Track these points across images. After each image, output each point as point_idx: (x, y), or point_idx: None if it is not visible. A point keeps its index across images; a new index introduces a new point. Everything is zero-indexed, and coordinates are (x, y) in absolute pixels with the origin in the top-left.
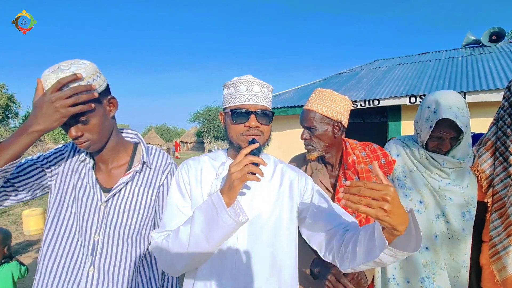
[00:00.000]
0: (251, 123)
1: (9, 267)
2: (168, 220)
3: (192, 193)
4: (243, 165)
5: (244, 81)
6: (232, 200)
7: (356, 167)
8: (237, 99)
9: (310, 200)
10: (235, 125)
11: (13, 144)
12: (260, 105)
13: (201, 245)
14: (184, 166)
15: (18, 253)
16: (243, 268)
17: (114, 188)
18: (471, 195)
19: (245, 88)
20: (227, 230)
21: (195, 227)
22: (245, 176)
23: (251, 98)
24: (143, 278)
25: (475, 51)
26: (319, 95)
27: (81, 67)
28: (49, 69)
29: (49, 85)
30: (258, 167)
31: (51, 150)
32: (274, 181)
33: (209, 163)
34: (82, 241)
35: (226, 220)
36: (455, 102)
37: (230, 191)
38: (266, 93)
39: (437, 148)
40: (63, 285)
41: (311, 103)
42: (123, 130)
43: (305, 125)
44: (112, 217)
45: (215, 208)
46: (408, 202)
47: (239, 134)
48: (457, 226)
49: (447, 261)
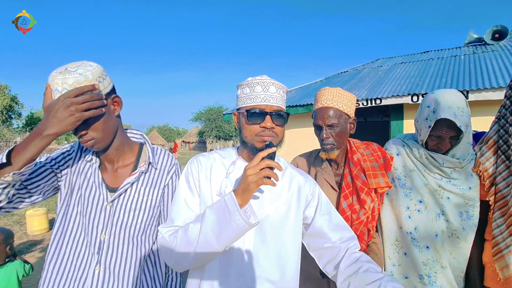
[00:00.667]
0: (266, 124)
1: (13, 266)
2: (176, 215)
3: (201, 189)
4: (259, 169)
5: (260, 81)
6: (245, 202)
7: (362, 165)
8: (253, 99)
9: (315, 208)
10: (250, 126)
11: (28, 147)
12: (276, 106)
13: (210, 244)
14: (194, 161)
15: (22, 253)
16: (249, 269)
17: (120, 188)
18: (472, 197)
19: (261, 89)
20: (238, 232)
21: (206, 226)
22: (262, 180)
23: (267, 98)
24: (147, 277)
25: (477, 49)
26: (333, 92)
27: (87, 69)
28: (56, 70)
29: (56, 86)
30: (273, 172)
31: (58, 151)
32: (282, 184)
33: (219, 161)
34: (88, 240)
35: (238, 221)
36: (454, 101)
37: (244, 194)
38: (281, 94)
39: (436, 147)
40: (69, 283)
41: (329, 100)
42: (127, 130)
43: (327, 123)
44: (118, 216)
45: (228, 209)
46: (409, 202)
47: (254, 134)
48: (456, 225)
49: (449, 261)
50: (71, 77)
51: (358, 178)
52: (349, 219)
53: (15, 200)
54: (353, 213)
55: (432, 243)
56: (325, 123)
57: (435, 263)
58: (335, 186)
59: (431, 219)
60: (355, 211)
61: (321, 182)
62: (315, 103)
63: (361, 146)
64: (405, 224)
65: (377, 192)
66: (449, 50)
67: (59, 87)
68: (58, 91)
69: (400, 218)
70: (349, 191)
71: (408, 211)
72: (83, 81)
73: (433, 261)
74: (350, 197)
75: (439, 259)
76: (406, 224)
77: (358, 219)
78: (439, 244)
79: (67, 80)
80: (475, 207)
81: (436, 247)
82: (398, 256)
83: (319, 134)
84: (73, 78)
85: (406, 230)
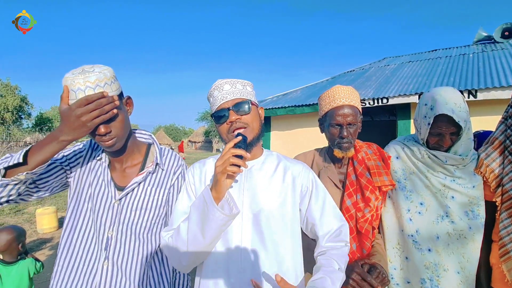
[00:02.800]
0: (230, 118)
1: (25, 263)
2: (174, 219)
3: (197, 193)
4: (225, 159)
5: (215, 86)
6: (220, 194)
7: (367, 163)
8: (215, 104)
9: (310, 196)
10: (220, 126)
11: (44, 149)
12: (233, 99)
13: (198, 239)
14: (191, 169)
15: (32, 250)
16: (249, 264)
17: (127, 187)
18: (476, 195)
19: (218, 92)
20: (218, 223)
21: (191, 223)
22: (226, 168)
23: (224, 97)
24: (154, 273)
25: (486, 47)
26: (349, 90)
27: (103, 68)
28: (71, 73)
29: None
30: (242, 160)
31: (71, 148)
32: (276, 176)
33: (212, 164)
34: (97, 236)
35: (215, 213)
36: (451, 97)
37: (216, 185)
38: (239, 87)
39: (437, 144)
40: (80, 277)
41: (347, 98)
42: (136, 131)
43: (349, 121)
44: (125, 214)
45: (206, 203)
46: (409, 204)
47: (226, 133)
48: (462, 225)
49: (462, 264)
50: (92, 75)
51: (363, 176)
52: (354, 217)
53: (23, 193)
54: (357, 211)
55: (434, 246)
56: (346, 121)
57: (437, 267)
58: (339, 185)
59: (432, 221)
60: (359, 209)
61: (324, 180)
62: (330, 101)
63: (364, 145)
64: (407, 226)
65: (381, 190)
66: (457, 48)
67: (81, 86)
68: (81, 90)
69: (401, 221)
70: (353, 189)
71: (409, 213)
72: (103, 78)
73: (435, 265)
74: (354, 195)
75: (441, 262)
76: (408, 227)
77: (363, 217)
78: (441, 246)
79: (89, 78)
80: (480, 206)
81: (438, 250)
82: (400, 260)
83: (337, 133)
84: (94, 76)
85: (408, 233)
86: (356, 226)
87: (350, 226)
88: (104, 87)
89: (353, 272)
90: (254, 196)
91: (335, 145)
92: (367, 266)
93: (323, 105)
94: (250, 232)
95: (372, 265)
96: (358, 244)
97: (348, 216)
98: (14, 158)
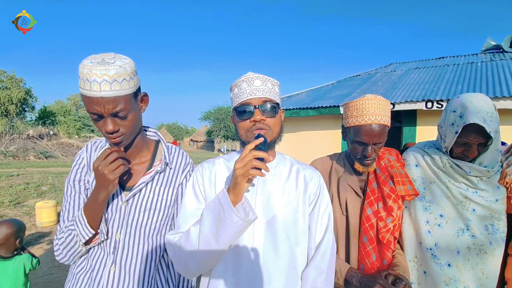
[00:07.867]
0: (255, 117)
1: (21, 259)
2: (182, 222)
3: (206, 194)
4: (246, 161)
5: (245, 78)
6: (238, 198)
7: (390, 171)
8: (240, 96)
9: (314, 204)
10: (241, 122)
11: (96, 215)
12: (263, 97)
13: (210, 244)
14: (199, 168)
15: (30, 244)
16: (259, 270)
17: (135, 187)
18: (498, 209)
19: (247, 85)
20: (235, 229)
21: (204, 227)
22: (248, 171)
23: (253, 92)
24: (161, 277)
25: (495, 56)
26: (379, 105)
27: (124, 62)
28: (89, 60)
29: (95, 76)
30: (263, 163)
31: (71, 169)
32: (290, 181)
33: (223, 165)
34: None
35: (232, 218)
36: (483, 106)
37: (235, 188)
38: (269, 86)
39: (462, 154)
40: (87, 283)
41: (377, 115)
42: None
43: (375, 141)
44: (133, 216)
45: (222, 207)
46: (428, 216)
47: (246, 130)
48: (483, 239)
49: (481, 281)
50: (112, 68)
51: (386, 184)
52: (374, 226)
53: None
54: (379, 220)
55: (454, 260)
56: (373, 141)
57: (457, 283)
58: (359, 192)
59: (453, 234)
60: (381, 219)
61: (344, 187)
62: (357, 115)
63: (385, 152)
64: (425, 239)
65: (404, 199)
66: (465, 56)
67: (98, 78)
68: (96, 83)
69: (420, 233)
70: (375, 197)
71: (428, 225)
72: (122, 73)
73: (455, 281)
74: (375, 203)
75: (461, 278)
76: (426, 240)
77: (385, 226)
78: (461, 261)
79: (108, 72)
80: (500, 220)
81: (458, 265)
82: (418, 274)
83: (360, 151)
84: (114, 70)
85: (426, 246)
86: (377, 236)
87: (370, 236)
88: (121, 83)
89: (376, 284)
90: (267, 201)
91: (357, 159)
92: (392, 277)
93: (349, 116)
94: (262, 239)
95: (396, 277)
96: (378, 254)
97: (368, 225)
98: (84, 231)
